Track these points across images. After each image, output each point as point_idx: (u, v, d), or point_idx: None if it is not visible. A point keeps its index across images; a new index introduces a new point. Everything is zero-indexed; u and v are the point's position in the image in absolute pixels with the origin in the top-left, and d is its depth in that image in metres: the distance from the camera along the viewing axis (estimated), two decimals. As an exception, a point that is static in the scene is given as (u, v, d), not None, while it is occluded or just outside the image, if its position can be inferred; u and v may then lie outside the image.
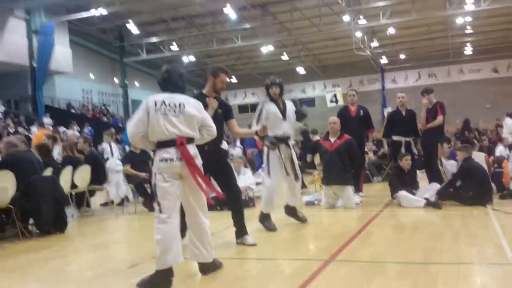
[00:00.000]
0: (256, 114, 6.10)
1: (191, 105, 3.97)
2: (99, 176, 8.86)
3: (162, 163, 3.81)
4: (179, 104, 3.89)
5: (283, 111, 6.09)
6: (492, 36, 32.46)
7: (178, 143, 3.82)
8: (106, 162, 9.72)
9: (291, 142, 6.25)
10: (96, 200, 10.21)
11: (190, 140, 3.92)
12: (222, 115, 5.13)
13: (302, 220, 6.45)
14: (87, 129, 22.21)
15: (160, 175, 3.82)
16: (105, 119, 27.46)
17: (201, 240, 4.07)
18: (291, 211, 6.47)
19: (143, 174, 8.59)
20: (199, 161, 3.97)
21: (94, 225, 7.61)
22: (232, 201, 5.36)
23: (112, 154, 10.03)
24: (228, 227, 6.48)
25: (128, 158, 9.00)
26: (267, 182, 6.18)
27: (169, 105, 3.86)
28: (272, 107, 6.07)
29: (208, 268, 4.15)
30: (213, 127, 4.14)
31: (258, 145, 16.69)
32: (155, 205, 3.86)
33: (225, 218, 7.35)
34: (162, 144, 3.84)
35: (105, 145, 10.49)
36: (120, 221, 8.00)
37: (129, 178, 8.90)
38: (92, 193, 9.00)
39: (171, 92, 3.97)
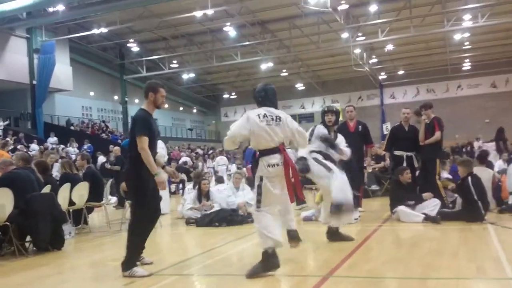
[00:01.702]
0: (307, 134, 6.19)
1: (284, 116, 4.69)
2: (97, 193, 8.82)
3: (270, 168, 4.52)
4: (276, 117, 4.62)
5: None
6: (490, 52, 32.69)
7: (281, 149, 4.56)
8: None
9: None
10: (94, 217, 10.17)
11: (285, 148, 4.69)
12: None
13: (348, 239, 6.05)
14: (86, 146, 22.22)
15: (267, 178, 4.52)
16: (104, 135, 27.47)
17: (289, 216, 4.85)
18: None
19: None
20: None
21: (91, 242, 7.56)
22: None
23: None
24: (226, 243, 6.47)
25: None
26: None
27: (270, 117, 4.59)
28: (324, 131, 6.27)
29: (295, 234, 4.83)
30: (305, 133, 4.93)
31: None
32: (255, 201, 4.55)
33: (224, 233, 7.34)
34: (268, 152, 4.56)
35: None
36: (117, 238, 7.94)
37: (127, 194, 8.84)
38: (90, 210, 8.95)
39: (268, 107, 4.68)
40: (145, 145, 4.73)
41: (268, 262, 4.47)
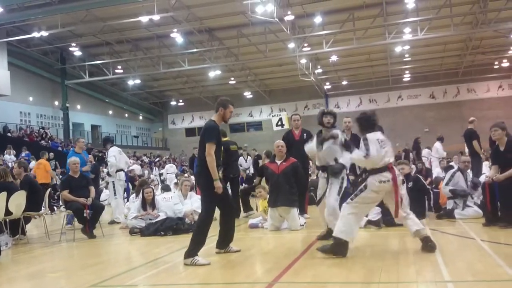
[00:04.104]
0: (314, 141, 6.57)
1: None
2: (35, 202, 8.44)
3: (382, 184, 5.21)
4: (386, 139, 5.40)
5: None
6: (429, 64, 34.23)
7: (390, 167, 5.26)
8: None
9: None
10: (32, 228, 9.73)
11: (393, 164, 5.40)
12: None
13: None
14: (24, 153, 21.26)
15: (374, 191, 5.23)
16: (43, 142, 26.40)
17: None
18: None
19: (82, 200, 8.26)
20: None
21: (29, 253, 7.22)
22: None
23: None
24: (172, 253, 6.37)
25: (67, 183, 8.64)
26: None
27: (384, 140, 5.33)
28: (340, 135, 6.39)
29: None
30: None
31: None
32: (353, 197, 5.29)
33: (169, 243, 7.23)
34: (380, 170, 5.22)
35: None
36: (57, 249, 7.64)
37: (67, 204, 8.53)
38: (27, 220, 8.55)
39: (378, 131, 5.44)
40: (212, 152, 5.35)
41: (339, 248, 5.18)
